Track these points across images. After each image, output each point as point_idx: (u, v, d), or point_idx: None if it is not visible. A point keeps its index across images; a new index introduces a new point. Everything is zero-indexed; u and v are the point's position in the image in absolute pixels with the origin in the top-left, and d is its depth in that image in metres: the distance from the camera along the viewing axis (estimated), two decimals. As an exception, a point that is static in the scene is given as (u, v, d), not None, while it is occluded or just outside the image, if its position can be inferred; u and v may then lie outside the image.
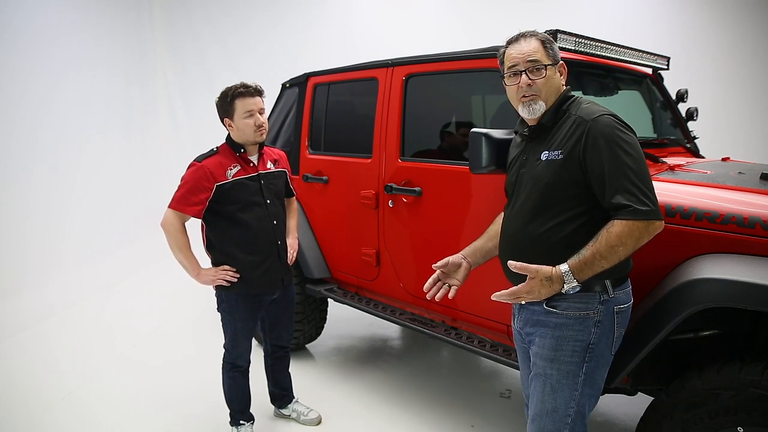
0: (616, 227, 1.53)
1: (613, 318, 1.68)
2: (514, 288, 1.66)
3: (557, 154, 1.65)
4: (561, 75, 1.75)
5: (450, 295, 1.94)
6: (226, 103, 2.42)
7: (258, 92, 2.45)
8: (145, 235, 6.34)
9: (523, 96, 1.70)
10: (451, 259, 1.95)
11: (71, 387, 3.29)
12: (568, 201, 1.64)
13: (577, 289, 1.61)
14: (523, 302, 1.71)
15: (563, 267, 1.59)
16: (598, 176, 1.58)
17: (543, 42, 1.71)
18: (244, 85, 2.42)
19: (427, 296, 1.95)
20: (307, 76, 3.52)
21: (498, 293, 1.68)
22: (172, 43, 7.11)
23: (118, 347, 3.89)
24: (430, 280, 1.96)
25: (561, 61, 1.75)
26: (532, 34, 1.73)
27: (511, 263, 1.65)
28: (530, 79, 1.69)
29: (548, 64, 1.69)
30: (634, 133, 1.63)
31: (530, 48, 1.69)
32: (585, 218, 1.63)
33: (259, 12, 7.13)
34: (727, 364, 1.64)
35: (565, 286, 1.61)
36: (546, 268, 1.61)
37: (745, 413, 1.57)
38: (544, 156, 1.68)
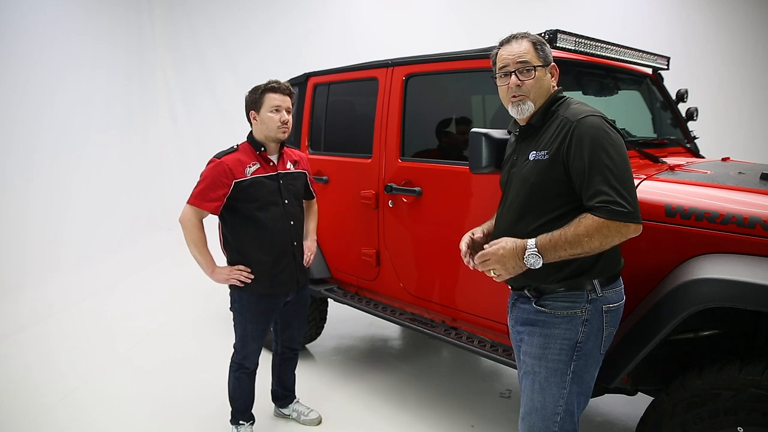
0: (587, 219, 1.55)
1: (602, 317, 1.68)
2: (483, 251, 1.69)
3: (544, 154, 1.67)
4: (552, 77, 1.76)
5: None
6: (256, 95, 2.45)
7: (289, 92, 2.49)
8: (145, 235, 6.35)
9: (513, 96, 1.73)
10: (476, 237, 1.92)
11: (71, 387, 3.29)
12: (553, 201, 1.66)
13: (538, 264, 1.60)
14: (493, 273, 1.69)
15: (531, 240, 1.62)
16: (579, 176, 1.59)
17: (534, 44, 1.73)
18: (277, 82, 2.47)
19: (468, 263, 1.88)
20: (307, 76, 3.52)
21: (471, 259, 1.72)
22: (172, 43, 7.12)
23: (118, 347, 3.89)
24: (465, 246, 1.89)
25: (552, 63, 1.76)
26: (524, 36, 1.75)
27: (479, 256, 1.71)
28: (520, 80, 1.71)
29: (538, 66, 1.71)
30: (622, 135, 1.64)
31: (521, 49, 1.71)
32: (571, 218, 1.63)
33: (259, 12, 7.13)
34: (727, 364, 1.64)
35: (526, 252, 1.61)
36: (511, 239, 1.66)
37: (745, 413, 1.57)
38: (532, 156, 1.70)
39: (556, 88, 1.78)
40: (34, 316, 4.38)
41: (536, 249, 1.60)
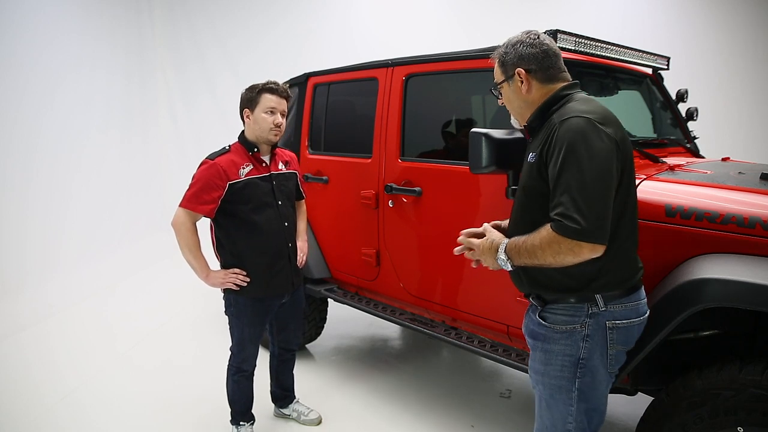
0: (544, 231, 1.46)
1: (605, 334, 1.58)
2: (470, 239, 1.69)
3: (533, 156, 1.59)
4: (523, 83, 1.64)
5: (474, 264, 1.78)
6: (253, 93, 2.41)
7: (286, 95, 2.46)
8: (145, 235, 6.35)
9: None
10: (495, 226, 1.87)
11: (71, 387, 3.29)
12: (542, 205, 1.54)
13: (507, 267, 1.58)
14: (475, 261, 1.70)
15: (504, 241, 1.59)
16: (551, 182, 1.48)
17: (499, 59, 1.70)
18: (275, 83, 2.44)
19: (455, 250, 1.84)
20: (307, 76, 3.52)
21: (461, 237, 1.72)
22: (172, 43, 7.11)
23: (117, 347, 3.89)
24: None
25: (518, 69, 1.64)
26: (495, 54, 1.72)
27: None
28: (499, 101, 1.76)
29: (501, 82, 1.70)
30: (612, 140, 1.46)
31: (494, 72, 1.73)
32: None
33: (259, 12, 7.13)
34: (727, 364, 1.64)
35: (498, 252, 1.59)
36: (497, 235, 1.64)
37: (745, 413, 1.57)
38: (529, 158, 1.63)
39: (529, 91, 1.64)
40: (34, 316, 4.38)
41: (505, 252, 1.56)
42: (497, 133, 2.00)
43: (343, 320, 4.28)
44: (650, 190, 1.99)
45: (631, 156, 1.57)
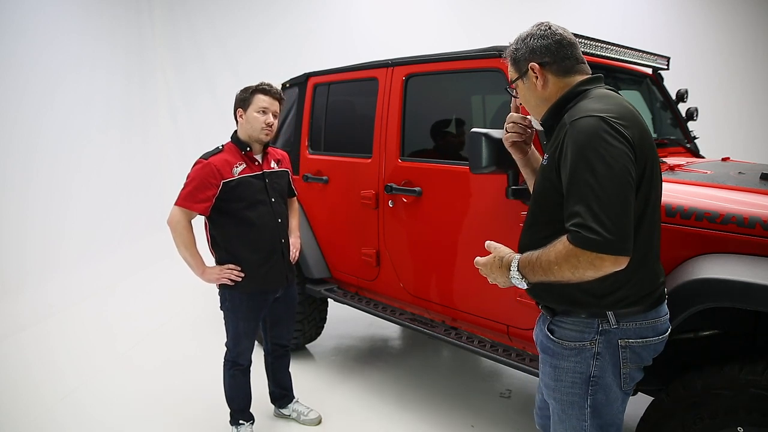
0: (560, 245, 1.33)
1: (617, 353, 1.48)
2: (479, 258, 1.57)
3: (545, 159, 1.50)
4: (537, 78, 1.53)
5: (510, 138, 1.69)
6: (247, 94, 2.48)
7: (279, 96, 2.52)
8: (145, 235, 6.35)
9: None
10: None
11: (71, 387, 3.29)
12: (554, 212, 1.43)
13: (522, 286, 1.46)
14: (490, 280, 1.57)
15: (516, 256, 1.47)
16: (565, 189, 1.36)
17: (510, 57, 1.60)
18: (269, 85, 2.51)
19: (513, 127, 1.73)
20: (307, 76, 3.52)
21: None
22: (172, 43, 7.12)
23: (118, 347, 3.89)
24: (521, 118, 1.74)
25: (531, 63, 1.53)
26: (507, 53, 1.62)
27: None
28: (518, 102, 1.68)
29: (515, 80, 1.60)
30: (628, 142, 1.33)
31: (509, 72, 1.64)
32: None
33: (259, 12, 7.13)
34: (727, 364, 1.64)
35: (510, 271, 1.47)
36: (505, 250, 1.51)
37: (745, 413, 1.57)
38: (542, 160, 1.55)
39: (545, 86, 1.54)
40: (34, 316, 4.38)
41: (518, 270, 1.45)
42: (497, 133, 2.00)
43: (343, 320, 4.28)
44: (650, 190, 1.98)
45: (652, 157, 1.43)
